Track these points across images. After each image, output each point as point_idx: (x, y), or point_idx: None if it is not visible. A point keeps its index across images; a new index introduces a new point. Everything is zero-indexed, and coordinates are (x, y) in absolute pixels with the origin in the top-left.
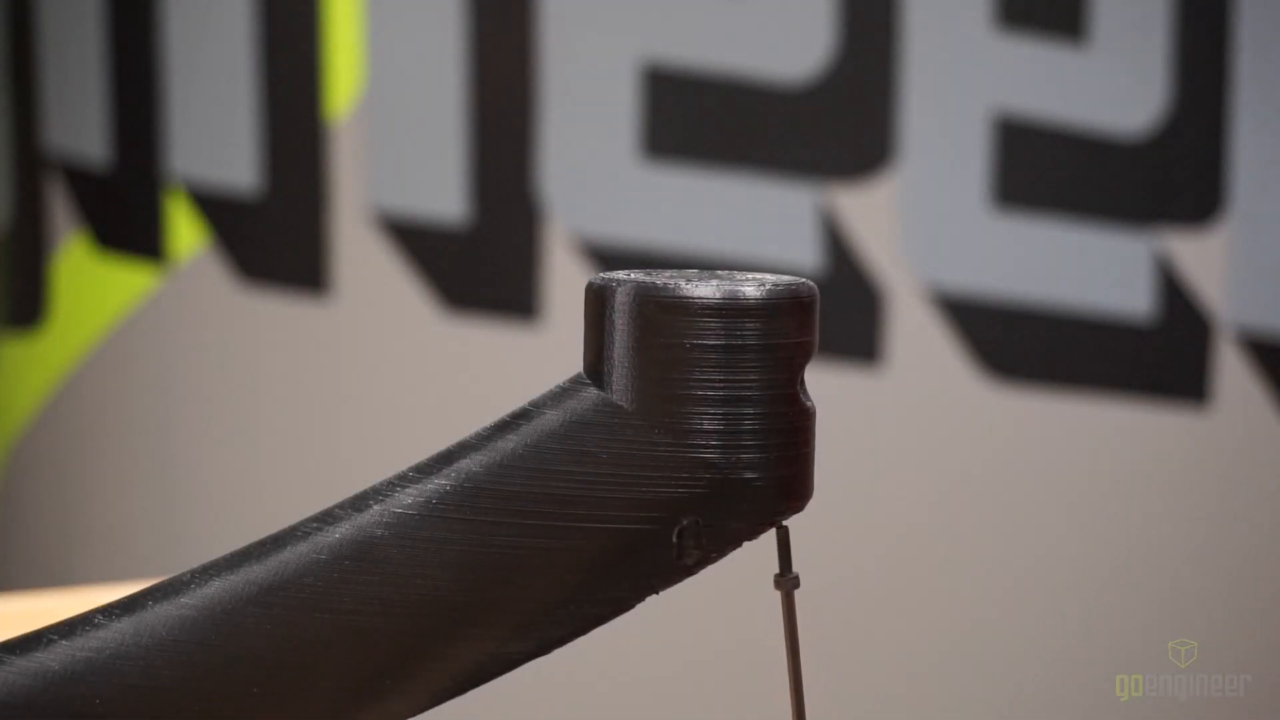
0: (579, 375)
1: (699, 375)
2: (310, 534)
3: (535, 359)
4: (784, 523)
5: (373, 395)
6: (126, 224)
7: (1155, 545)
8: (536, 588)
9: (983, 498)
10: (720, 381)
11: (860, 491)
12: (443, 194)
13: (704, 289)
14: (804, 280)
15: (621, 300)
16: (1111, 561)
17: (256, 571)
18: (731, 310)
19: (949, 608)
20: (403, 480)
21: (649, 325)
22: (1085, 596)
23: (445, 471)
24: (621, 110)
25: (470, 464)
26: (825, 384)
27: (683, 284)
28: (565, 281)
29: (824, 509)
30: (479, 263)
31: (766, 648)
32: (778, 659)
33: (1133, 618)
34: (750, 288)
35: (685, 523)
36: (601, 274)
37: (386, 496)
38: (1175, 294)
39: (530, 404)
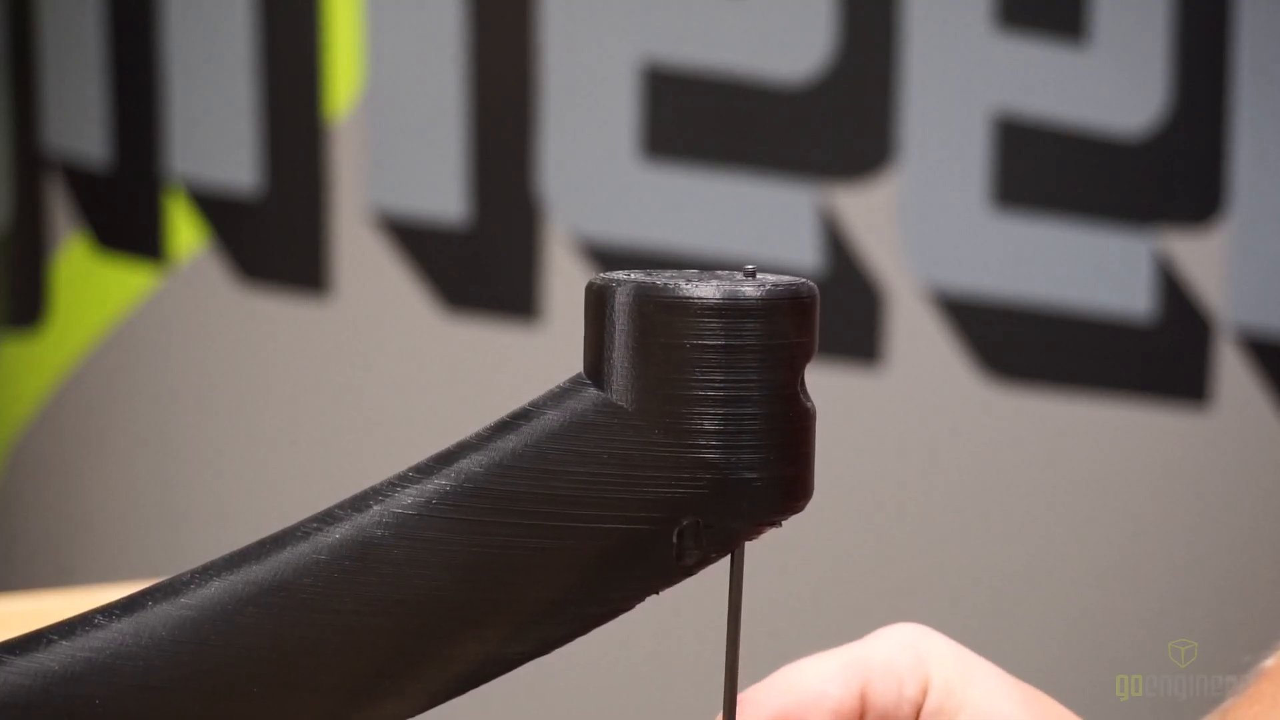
0: (579, 375)
1: (699, 375)
2: (310, 534)
3: (535, 359)
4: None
5: (373, 395)
6: (126, 224)
7: (1155, 545)
8: (536, 588)
9: (983, 498)
10: (720, 382)
11: (860, 491)
12: (443, 194)
13: (704, 289)
14: (804, 280)
15: (621, 300)
16: (1111, 561)
17: (256, 572)
18: (732, 310)
19: (948, 608)
20: (403, 480)
21: (649, 325)
22: (1085, 596)
23: (445, 472)
24: (621, 110)
25: (470, 464)
26: (825, 384)
27: (683, 284)
28: (565, 281)
29: (824, 509)
30: (479, 263)
31: (766, 647)
32: (776, 659)
33: (1133, 618)
34: (750, 288)
35: (685, 523)
36: (601, 274)
37: (386, 497)
38: (1175, 294)
39: (530, 404)
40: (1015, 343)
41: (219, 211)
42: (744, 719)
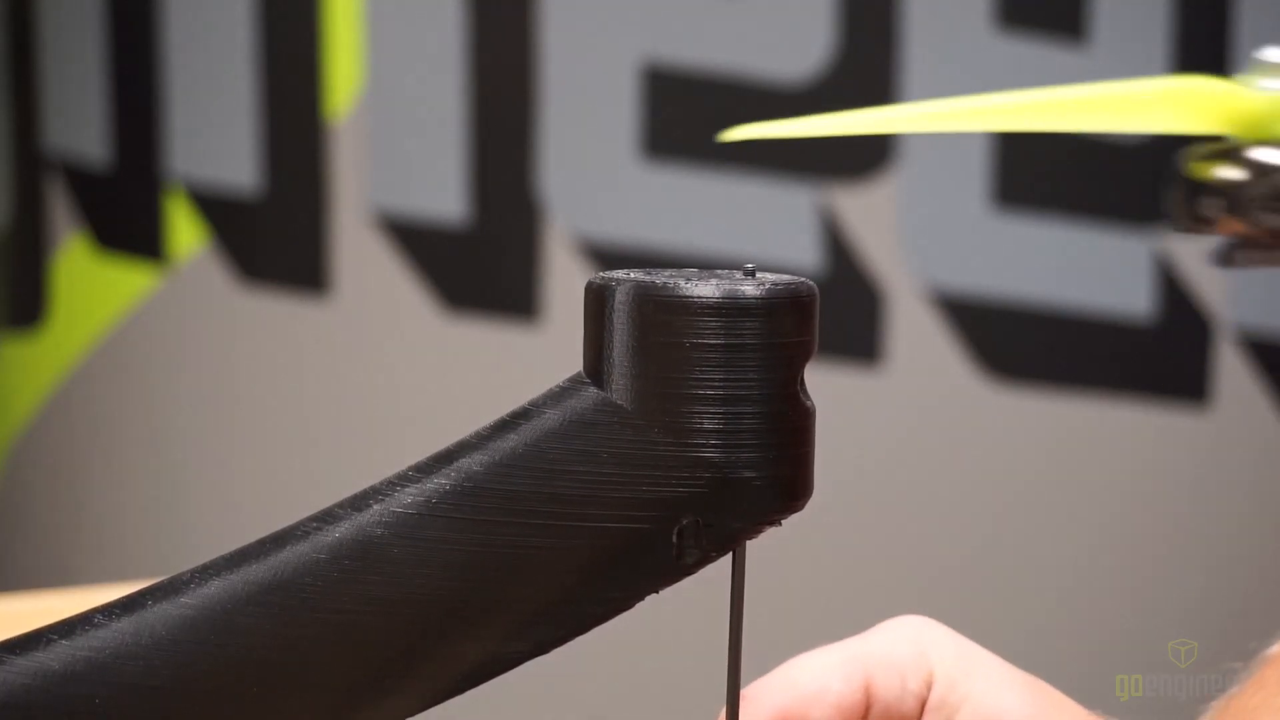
0: (579, 375)
1: (699, 375)
2: (310, 534)
3: (535, 359)
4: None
5: (373, 395)
6: (126, 224)
7: (1156, 545)
8: (536, 587)
9: (983, 498)
10: (720, 381)
11: (860, 491)
12: (443, 194)
13: (704, 288)
14: (804, 280)
15: (621, 299)
16: (1112, 561)
17: (256, 571)
18: (731, 309)
19: (948, 607)
20: (403, 480)
21: (649, 325)
22: (1085, 596)
23: (445, 471)
24: (621, 110)
25: (470, 463)
26: (825, 384)
27: (682, 283)
28: (565, 281)
29: (824, 509)
30: (479, 263)
31: (767, 646)
32: (777, 658)
33: (1133, 618)
34: (750, 287)
35: (685, 522)
36: (601, 273)
37: (386, 496)
38: (1175, 294)
39: (530, 403)
40: (1015, 343)
41: (219, 211)
42: (747, 715)
